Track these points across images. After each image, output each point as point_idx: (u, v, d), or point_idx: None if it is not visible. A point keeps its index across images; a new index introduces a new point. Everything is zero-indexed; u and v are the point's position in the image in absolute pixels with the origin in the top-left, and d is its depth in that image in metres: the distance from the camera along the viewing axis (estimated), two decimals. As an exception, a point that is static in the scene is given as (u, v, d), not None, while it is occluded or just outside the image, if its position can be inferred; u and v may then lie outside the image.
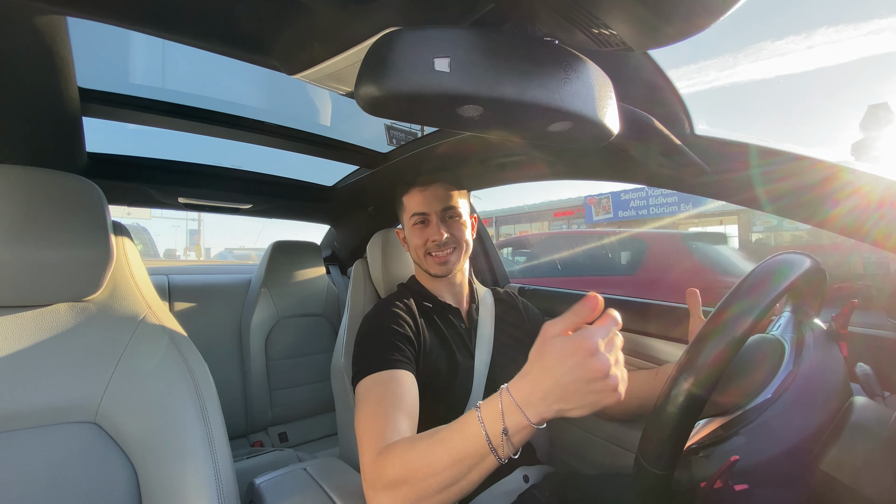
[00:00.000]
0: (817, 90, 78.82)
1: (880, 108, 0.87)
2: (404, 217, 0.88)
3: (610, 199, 12.51)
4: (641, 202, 11.92)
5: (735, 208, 10.17)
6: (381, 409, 0.62)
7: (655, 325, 0.96)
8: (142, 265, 0.69)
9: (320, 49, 0.50)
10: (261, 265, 1.62)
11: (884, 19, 58.45)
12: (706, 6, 0.35)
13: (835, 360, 0.55)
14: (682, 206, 11.32)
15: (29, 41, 0.48)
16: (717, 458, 0.45)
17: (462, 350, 0.84)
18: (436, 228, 0.83)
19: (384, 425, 0.60)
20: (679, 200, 11.31)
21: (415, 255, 0.88)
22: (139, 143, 1.15)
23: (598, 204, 12.82)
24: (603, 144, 0.50)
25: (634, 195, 12.05)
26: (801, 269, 0.51)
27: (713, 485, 0.42)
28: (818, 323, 0.60)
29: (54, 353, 0.55)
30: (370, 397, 0.66)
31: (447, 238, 0.82)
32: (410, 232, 0.87)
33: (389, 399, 0.64)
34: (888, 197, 0.57)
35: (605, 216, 12.71)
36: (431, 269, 0.85)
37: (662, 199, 11.54)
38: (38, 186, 0.57)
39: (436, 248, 0.83)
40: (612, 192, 12.52)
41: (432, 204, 0.84)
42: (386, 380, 0.67)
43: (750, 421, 0.48)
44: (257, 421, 1.51)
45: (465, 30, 0.37)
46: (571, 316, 0.43)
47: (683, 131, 0.68)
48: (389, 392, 0.65)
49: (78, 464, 0.53)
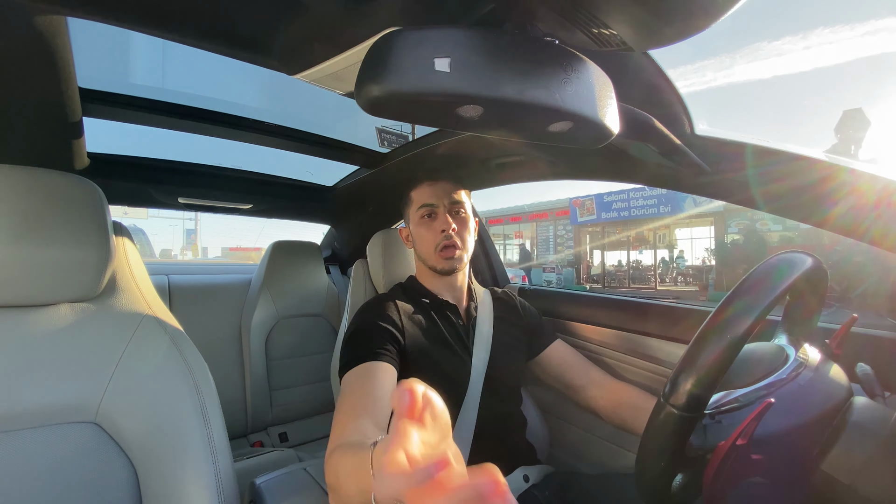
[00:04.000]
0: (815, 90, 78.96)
1: (855, 113, 0.85)
2: (410, 211, 0.88)
3: (594, 201, 12.65)
4: (623, 204, 12.04)
5: (711, 210, 10.51)
6: (348, 406, 0.63)
7: (655, 325, 0.96)
8: (142, 265, 0.69)
9: (320, 49, 0.50)
10: (261, 265, 1.62)
11: (880, 20, 58.49)
12: (706, 6, 0.35)
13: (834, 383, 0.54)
14: (661, 209, 11.48)
15: (29, 41, 0.48)
16: (733, 424, 0.45)
17: (460, 347, 0.84)
18: (444, 219, 0.84)
19: (345, 424, 0.60)
20: (658, 203, 11.44)
21: (422, 251, 0.87)
22: (139, 143, 1.15)
23: (583, 206, 12.98)
24: (603, 144, 0.50)
25: (617, 197, 12.16)
26: (802, 269, 0.51)
27: (738, 440, 0.41)
28: (812, 350, 0.59)
29: (54, 353, 0.55)
30: (345, 392, 0.67)
31: (454, 231, 0.83)
32: (418, 225, 0.86)
33: (359, 395, 0.65)
34: (886, 196, 0.57)
35: (589, 217, 12.87)
36: (438, 265, 0.85)
37: (643, 200, 11.66)
38: (38, 186, 0.57)
39: (444, 240, 0.83)
40: (595, 195, 12.67)
41: (441, 196, 0.85)
42: (363, 375, 0.69)
43: (768, 394, 0.48)
44: (257, 421, 1.51)
45: (465, 30, 0.37)
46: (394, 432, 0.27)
47: (684, 131, 0.68)
48: (362, 388, 0.66)
49: (78, 464, 0.53)
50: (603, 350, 1.05)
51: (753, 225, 10.02)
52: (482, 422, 0.80)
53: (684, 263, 12.17)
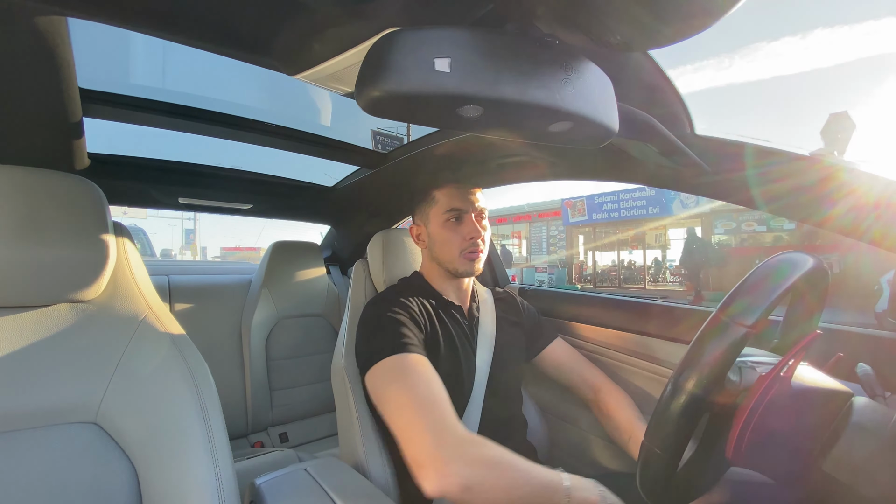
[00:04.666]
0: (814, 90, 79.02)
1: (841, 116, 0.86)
2: (433, 211, 0.86)
3: (584, 202, 12.93)
4: (613, 205, 12.31)
5: (699, 212, 10.82)
6: (428, 390, 0.65)
7: (655, 325, 0.96)
8: (142, 266, 0.69)
9: (320, 49, 0.50)
10: (261, 265, 1.62)
11: (879, 20, 58.57)
12: (706, 6, 0.35)
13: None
14: (650, 210, 11.73)
15: (29, 41, 0.48)
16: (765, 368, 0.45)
17: (466, 348, 0.84)
18: (473, 225, 0.83)
19: (445, 406, 0.64)
20: (647, 204, 11.58)
21: (445, 252, 0.85)
22: (139, 143, 1.15)
23: (574, 207, 13.23)
24: (603, 144, 0.50)
25: (607, 198, 12.37)
26: (803, 269, 0.50)
27: (782, 370, 0.40)
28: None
29: (54, 353, 0.55)
30: (401, 377, 0.66)
31: (481, 239, 0.84)
32: (443, 227, 0.85)
33: (427, 381, 0.66)
34: (886, 196, 0.57)
35: (581, 218, 13.13)
36: (461, 268, 0.84)
37: (632, 202, 11.82)
38: (38, 187, 0.57)
39: (471, 246, 0.83)
40: (586, 196, 12.93)
41: (472, 202, 0.85)
42: (411, 363, 0.68)
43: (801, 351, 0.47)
44: (258, 421, 1.51)
45: (465, 30, 0.37)
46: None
47: (684, 131, 0.68)
48: (421, 374, 0.67)
49: (78, 464, 0.53)
50: (603, 350, 1.05)
51: (739, 226, 10.29)
52: (485, 423, 0.80)
53: (673, 264, 12.42)
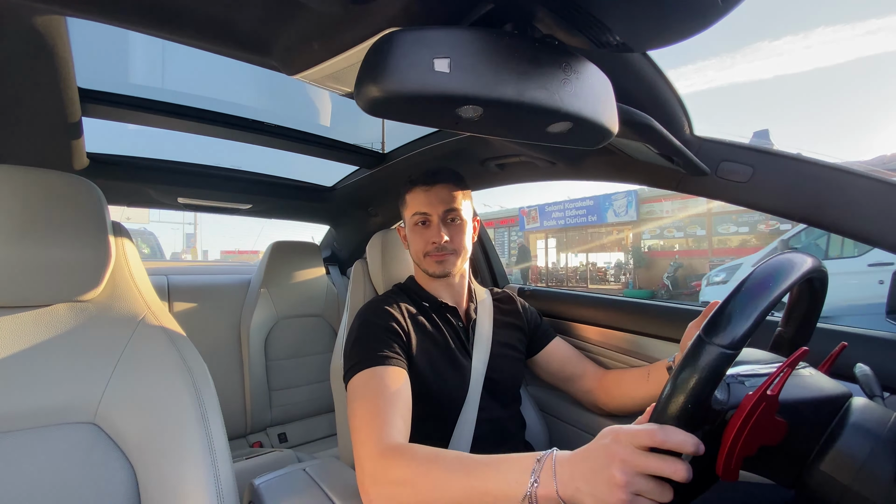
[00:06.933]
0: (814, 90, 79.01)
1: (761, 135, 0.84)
2: (406, 213, 0.88)
3: (537, 210, 14.75)
4: (560, 213, 14.08)
5: (631, 220, 12.00)
6: (378, 407, 0.64)
7: (654, 325, 0.96)
8: (141, 265, 0.69)
9: (320, 49, 0.50)
10: (260, 265, 1.62)
11: (881, 19, 58.62)
12: (706, 7, 0.35)
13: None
14: (590, 218, 13.10)
15: (29, 41, 0.48)
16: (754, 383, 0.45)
17: (460, 349, 0.84)
18: (436, 230, 0.82)
19: (384, 423, 0.61)
20: (587, 213, 13.14)
21: (414, 255, 0.88)
22: (139, 143, 1.16)
23: (529, 214, 15.01)
24: (602, 145, 0.50)
25: (555, 207, 14.26)
26: (802, 269, 0.50)
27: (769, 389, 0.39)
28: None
29: (53, 353, 0.55)
30: (366, 392, 0.67)
31: (446, 242, 0.82)
32: (411, 231, 0.86)
33: (386, 397, 0.65)
34: (886, 197, 0.57)
35: (534, 225, 14.95)
36: (430, 269, 0.85)
37: (575, 210, 13.59)
38: (37, 186, 0.57)
39: (435, 251, 0.83)
40: (538, 205, 14.81)
41: (435, 205, 0.83)
42: (379, 376, 0.68)
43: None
44: (257, 421, 1.51)
45: (464, 30, 0.37)
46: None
47: (683, 132, 0.68)
48: (384, 389, 0.67)
49: (77, 464, 0.53)
50: (602, 350, 1.05)
51: (662, 233, 11.89)
52: (482, 424, 0.80)
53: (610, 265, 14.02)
